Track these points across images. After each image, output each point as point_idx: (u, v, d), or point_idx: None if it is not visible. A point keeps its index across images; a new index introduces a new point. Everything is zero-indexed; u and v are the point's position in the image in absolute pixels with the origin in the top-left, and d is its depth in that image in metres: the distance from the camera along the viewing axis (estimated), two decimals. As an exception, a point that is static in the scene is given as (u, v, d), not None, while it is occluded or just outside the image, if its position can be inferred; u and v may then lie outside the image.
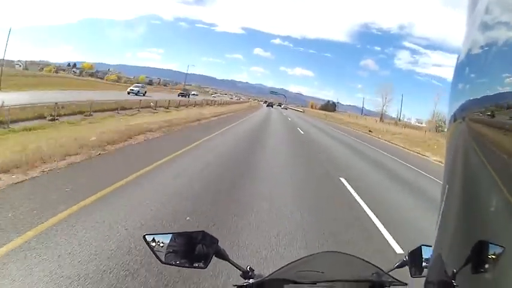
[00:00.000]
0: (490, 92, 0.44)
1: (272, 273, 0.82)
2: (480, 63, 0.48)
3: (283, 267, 0.82)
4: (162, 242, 0.82)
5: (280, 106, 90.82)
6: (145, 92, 37.06)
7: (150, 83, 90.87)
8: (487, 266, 0.42)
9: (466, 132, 0.49)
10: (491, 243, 0.41)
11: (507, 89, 0.40)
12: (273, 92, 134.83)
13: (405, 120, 75.72)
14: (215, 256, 0.85)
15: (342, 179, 6.81)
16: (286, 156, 9.25)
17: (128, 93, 32.84)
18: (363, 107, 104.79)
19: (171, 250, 0.82)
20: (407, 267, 0.93)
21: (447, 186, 0.53)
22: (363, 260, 0.87)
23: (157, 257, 0.81)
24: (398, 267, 0.96)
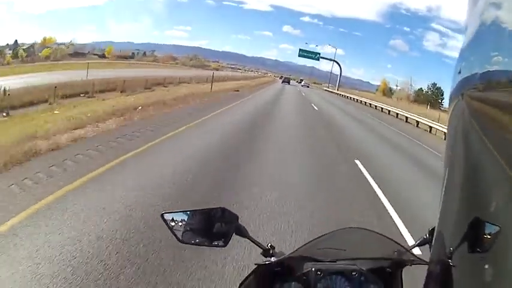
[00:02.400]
0: (480, 70, 0.44)
1: (293, 251, 0.81)
2: (477, 42, 0.47)
3: (304, 244, 0.81)
4: (180, 220, 0.78)
5: (300, 83, 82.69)
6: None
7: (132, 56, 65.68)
8: (482, 245, 0.41)
9: (466, 110, 0.48)
10: (487, 223, 0.40)
11: (495, 68, 0.40)
12: (304, 51, 76.00)
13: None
14: (235, 234, 0.82)
15: None
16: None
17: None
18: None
19: (188, 228, 0.79)
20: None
21: (449, 164, 0.53)
22: (386, 236, 0.84)
23: (176, 236, 0.78)
24: (419, 244, 0.89)
